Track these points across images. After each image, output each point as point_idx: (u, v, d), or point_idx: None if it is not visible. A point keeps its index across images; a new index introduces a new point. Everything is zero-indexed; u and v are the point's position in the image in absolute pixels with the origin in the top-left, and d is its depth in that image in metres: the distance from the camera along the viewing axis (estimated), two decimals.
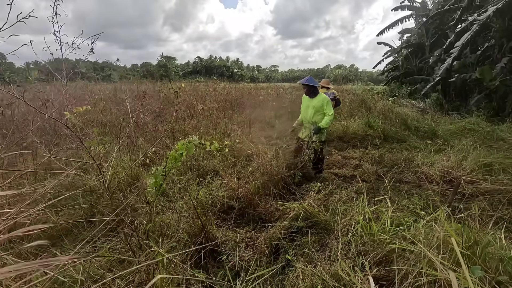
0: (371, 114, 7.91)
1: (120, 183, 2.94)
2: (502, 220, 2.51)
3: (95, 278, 1.67)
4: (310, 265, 1.81)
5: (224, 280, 1.85)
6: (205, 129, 5.09)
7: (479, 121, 6.28)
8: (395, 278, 1.67)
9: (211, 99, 6.71)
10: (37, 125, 3.47)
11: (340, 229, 2.14)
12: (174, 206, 2.44)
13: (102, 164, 2.11)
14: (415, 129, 6.47)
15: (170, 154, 1.51)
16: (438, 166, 3.96)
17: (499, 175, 3.58)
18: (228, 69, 74.03)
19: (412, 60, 14.10)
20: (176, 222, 2.22)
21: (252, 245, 2.21)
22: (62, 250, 2.12)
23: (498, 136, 5.45)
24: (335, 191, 3.08)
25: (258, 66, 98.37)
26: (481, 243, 1.67)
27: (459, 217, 2.16)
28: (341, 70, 75.18)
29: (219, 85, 10.58)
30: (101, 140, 3.78)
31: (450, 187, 3.51)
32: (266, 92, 11.66)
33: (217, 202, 2.73)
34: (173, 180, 3.13)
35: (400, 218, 2.26)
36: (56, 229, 2.35)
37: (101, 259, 1.86)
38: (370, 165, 4.37)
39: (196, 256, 1.95)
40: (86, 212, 2.60)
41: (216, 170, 3.58)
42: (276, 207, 2.78)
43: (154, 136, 4.31)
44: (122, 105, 5.32)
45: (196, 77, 26.94)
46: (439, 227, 1.83)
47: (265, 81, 66.65)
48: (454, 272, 1.43)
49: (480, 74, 7.50)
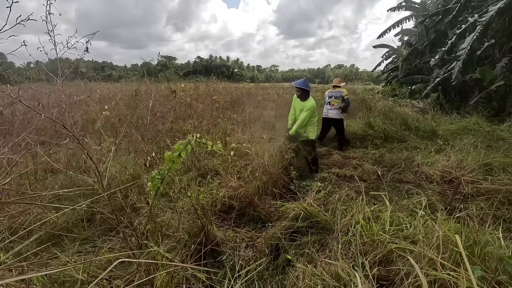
0: (372, 114, 7.91)
1: (121, 183, 2.94)
2: (502, 219, 2.51)
3: (95, 278, 1.67)
4: (310, 265, 1.81)
5: (225, 280, 1.86)
6: (205, 128, 5.09)
7: (479, 121, 6.27)
8: (396, 278, 1.67)
9: (211, 99, 6.72)
10: (36, 125, 3.46)
11: (340, 229, 2.13)
12: (174, 206, 2.44)
13: (104, 163, 2.11)
14: (415, 129, 6.47)
15: (166, 155, 1.45)
16: (438, 166, 3.96)
17: (499, 175, 3.58)
18: (228, 68, 74.04)
19: (412, 60, 14.09)
20: (176, 222, 2.23)
21: (252, 245, 2.21)
22: (62, 250, 2.12)
23: (498, 136, 5.44)
24: (335, 191, 3.08)
25: (258, 66, 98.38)
26: (480, 243, 1.67)
27: (459, 217, 2.16)
28: (341, 70, 75.15)
29: (219, 85, 10.57)
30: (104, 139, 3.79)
31: (450, 187, 3.51)
32: (266, 92, 11.66)
33: (217, 202, 2.73)
34: (173, 181, 3.13)
35: (400, 218, 2.26)
36: (56, 228, 2.36)
37: (101, 259, 1.87)
38: (370, 165, 4.37)
39: (196, 256, 1.96)
40: (86, 212, 2.60)
41: (216, 170, 3.58)
42: (275, 208, 2.78)
43: (154, 136, 4.31)
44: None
45: (196, 77, 26.95)
46: (438, 227, 1.83)
47: (265, 81, 66.62)
48: (454, 272, 1.43)
49: (480, 74, 7.49)
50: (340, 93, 5.32)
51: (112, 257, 1.88)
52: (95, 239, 2.29)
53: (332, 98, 5.34)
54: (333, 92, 5.39)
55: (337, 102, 5.29)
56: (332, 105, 5.31)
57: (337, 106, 5.28)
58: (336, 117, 5.29)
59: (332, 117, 5.31)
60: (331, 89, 5.50)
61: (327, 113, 5.39)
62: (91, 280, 1.53)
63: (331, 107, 5.32)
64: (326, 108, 5.41)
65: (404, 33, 19.01)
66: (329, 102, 5.37)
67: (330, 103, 5.35)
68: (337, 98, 5.30)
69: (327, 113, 5.38)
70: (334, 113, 5.30)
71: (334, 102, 5.30)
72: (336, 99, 5.29)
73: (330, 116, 5.33)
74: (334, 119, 5.33)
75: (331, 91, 5.42)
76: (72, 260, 1.89)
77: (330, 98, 5.36)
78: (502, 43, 7.91)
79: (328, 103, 5.38)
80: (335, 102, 5.29)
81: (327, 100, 5.42)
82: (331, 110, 5.32)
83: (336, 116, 5.29)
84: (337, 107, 5.28)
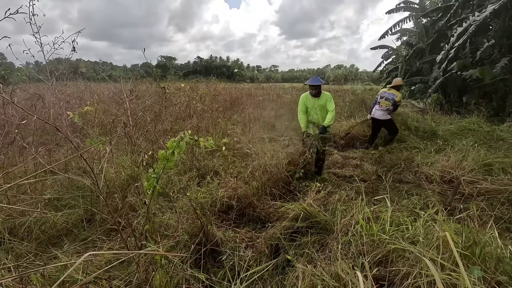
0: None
1: (120, 184, 2.94)
2: (501, 220, 2.51)
3: (94, 278, 1.67)
4: (310, 265, 1.81)
5: (224, 280, 1.85)
6: (204, 128, 5.09)
7: (479, 121, 6.27)
8: (395, 278, 1.67)
9: (211, 99, 6.73)
10: (34, 126, 3.47)
11: (340, 229, 2.13)
12: (174, 206, 2.44)
13: (101, 163, 2.10)
14: (415, 129, 6.46)
15: (160, 154, 1.45)
16: (438, 166, 3.96)
17: (499, 175, 3.57)
18: (228, 69, 74.10)
19: (411, 60, 14.09)
20: (175, 222, 2.22)
21: (252, 245, 2.21)
22: (62, 250, 2.12)
23: (498, 136, 5.44)
24: (335, 191, 3.08)
25: (258, 66, 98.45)
26: (480, 243, 1.67)
27: (459, 217, 2.16)
28: (341, 70, 75.21)
29: (218, 85, 10.57)
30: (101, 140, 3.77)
31: (450, 187, 3.51)
32: (265, 92, 11.65)
33: (217, 202, 2.73)
34: (172, 181, 3.13)
35: (399, 218, 2.26)
36: (56, 229, 2.36)
37: (100, 259, 1.86)
38: (370, 165, 4.37)
39: (196, 255, 1.95)
40: (86, 213, 2.60)
41: (216, 170, 3.58)
42: (275, 208, 2.78)
43: (154, 135, 4.31)
44: (124, 105, 5.28)
45: (196, 77, 27.02)
46: (438, 227, 1.83)
47: (265, 81, 66.64)
48: (454, 273, 1.43)
49: (480, 74, 7.49)
50: (394, 96, 5.12)
51: (112, 257, 1.88)
52: (95, 239, 2.29)
53: (383, 99, 5.15)
54: (386, 93, 5.18)
55: (386, 104, 5.11)
56: (381, 105, 5.14)
57: (385, 108, 5.12)
58: (382, 118, 5.14)
59: (379, 117, 5.17)
60: (386, 89, 5.29)
61: (374, 113, 5.23)
62: (91, 280, 1.53)
63: (379, 107, 5.16)
64: (375, 108, 5.25)
65: (403, 33, 18.99)
66: (379, 102, 5.18)
67: (379, 103, 5.18)
68: (388, 100, 5.11)
69: (374, 113, 5.22)
70: (380, 114, 5.14)
71: (384, 103, 5.13)
72: (387, 101, 5.11)
73: (377, 116, 5.19)
74: (381, 120, 5.18)
75: (385, 91, 5.22)
76: (72, 260, 1.89)
77: (381, 99, 5.19)
78: (501, 43, 7.91)
79: (378, 103, 5.20)
80: (385, 104, 5.12)
81: (378, 99, 5.23)
82: (378, 110, 5.16)
83: (382, 117, 5.14)
84: (384, 108, 5.12)
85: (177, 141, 1.49)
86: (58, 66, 3.81)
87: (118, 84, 8.49)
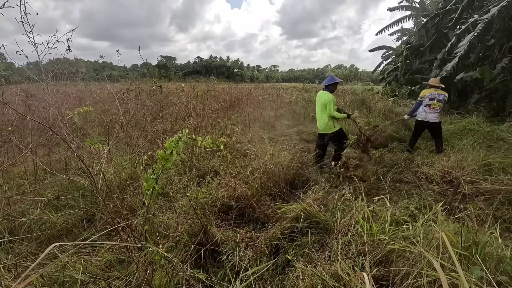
0: (371, 114, 7.91)
1: (119, 184, 2.94)
2: (501, 219, 2.51)
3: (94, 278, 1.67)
4: (310, 265, 1.81)
5: (224, 280, 1.85)
6: (204, 128, 5.09)
7: (479, 121, 6.27)
8: (396, 278, 1.67)
9: (211, 100, 6.73)
10: (32, 126, 3.47)
11: (340, 229, 2.13)
12: (173, 206, 2.44)
13: (101, 163, 2.10)
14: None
15: (158, 154, 1.45)
16: (438, 166, 3.96)
17: (499, 175, 3.57)
18: (228, 69, 74.11)
19: (411, 60, 14.09)
20: (175, 223, 2.22)
21: (252, 245, 2.21)
22: (62, 250, 2.12)
23: (498, 136, 5.44)
24: (335, 191, 3.08)
25: (258, 66, 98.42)
26: (479, 243, 1.67)
27: (459, 217, 2.16)
28: (341, 70, 75.20)
29: (218, 86, 10.57)
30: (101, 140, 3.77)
31: (450, 187, 3.51)
32: (266, 92, 11.65)
33: (217, 202, 2.73)
34: (172, 181, 3.13)
35: (399, 218, 2.26)
36: (56, 229, 2.35)
37: (100, 259, 1.86)
38: (370, 165, 4.37)
39: (196, 255, 1.95)
40: (86, 213, 2.60)
41: (216, 170, 3.57)
42: (274, 209, 2.77)
43: (152, 135, 4.31)
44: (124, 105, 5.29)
45: (196, 77, 26.94)
46: (438, 227, 1.83)
47: (265, 81, 66.60)
48: (453, 273, 1.43)
49: (481, 74, 7.49)
50: (444, 96, 4.88)
51: (112, 257, 1.88)
52: (95, 240, 2.29)
53: (435, 100, 4.86)
54: (435, 94, 4.91)
55: (439, 105, 4.87)
56: (433, 108, 4.87)
57: (438, 110, 4.89)
58: (435, 120, 4.91)
59: (432, 120, 4.90)
60: (432, 90, 4.94)
61: (425, 117, 4.94)
62: (91, 281, 1.53)
63: (432, 110, 4.88)
64: (425, 110, 4.94)
65: (403, 33, 19.00)
66: (430, 104, 4.92)
67: (431, 106, 4.88)
68: (440, 101, 4.86)
69: (426, 116, 4.93)
70: (434, 117, 4.91)
71: (436, 105, 4.85)
72: (439, 102, 4.86)
73: (430, 119, 4.90)
74: (433, 123, 4.93)
75: (433, 93, 4.93)
76: (72, 260, 1.89)
77: (432, 101, 4.88)
78: (501, 43, 7.91)
79: (429, 105, 4.93)
80: (437, 105, 4.86)
81: (427, 102, 4.92)
82: (431, 113, 4.91)
83: (435, 119, 4.90)
84: (437, 110, 4.88)
85: (175, 141, 1.48)
86: (55, 66, 3.81)
87: (118, 84, 8.52)
